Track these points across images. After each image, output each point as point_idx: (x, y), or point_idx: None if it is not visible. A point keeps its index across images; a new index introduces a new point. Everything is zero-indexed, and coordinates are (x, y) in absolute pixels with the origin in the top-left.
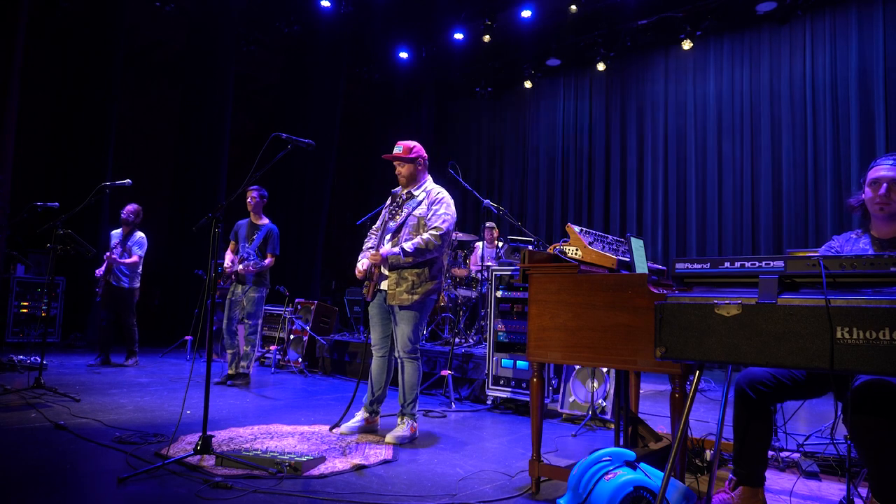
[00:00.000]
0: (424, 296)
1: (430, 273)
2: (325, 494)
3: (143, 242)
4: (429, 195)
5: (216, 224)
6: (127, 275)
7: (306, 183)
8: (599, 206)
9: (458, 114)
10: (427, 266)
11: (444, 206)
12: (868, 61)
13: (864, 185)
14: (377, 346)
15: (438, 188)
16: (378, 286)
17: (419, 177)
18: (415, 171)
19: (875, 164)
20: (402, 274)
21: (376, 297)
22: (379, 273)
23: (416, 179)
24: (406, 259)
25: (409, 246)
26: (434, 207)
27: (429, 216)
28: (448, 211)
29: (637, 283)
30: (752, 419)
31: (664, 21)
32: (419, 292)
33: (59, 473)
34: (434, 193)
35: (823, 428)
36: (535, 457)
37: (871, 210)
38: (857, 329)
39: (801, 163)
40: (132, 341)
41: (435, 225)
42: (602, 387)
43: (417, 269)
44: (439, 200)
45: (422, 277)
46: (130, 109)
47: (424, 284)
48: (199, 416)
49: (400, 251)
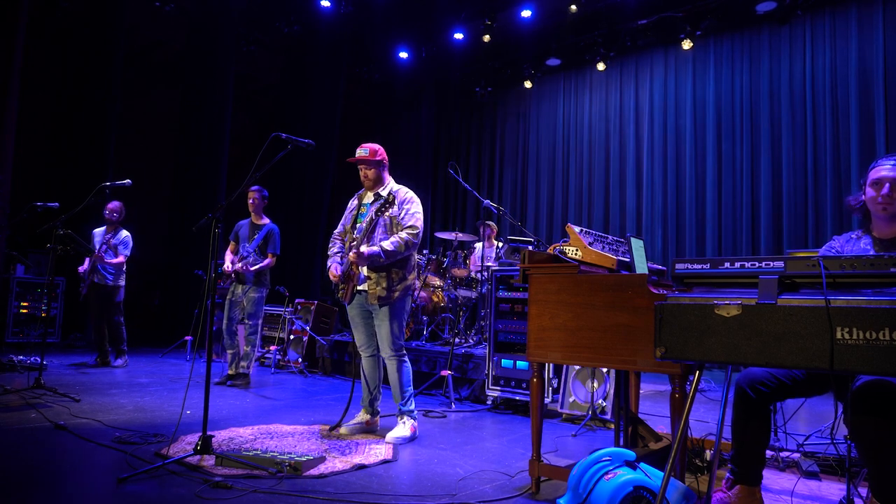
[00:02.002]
0: (403, 293)
1: (406, 270)
2: (325, 494)
3: (129, 242)
4: (397, 195)
5: (216, 224)
6: (112, 273)
7: (306, 183)
8: (599, 206)
9: (458, 114)
10: (403, 264)
11: (415, 204)
12: (868, 61)
13: (865, 186)
14: (363, 346)
15: (405, 188)
16: (356, 287)
17: (383, 178)
18: (380, 173)
19: (876, 165)
20: (380, 273)
21: (355, 299)
22: (357, 274)
23: (381, 181)
24: (386, 258)
25: (388, 245)
26: (406, 206)
27: (401, 215)
28: (419, 209)
29: (637, 283)
30: (752, 419)
31: (664, 21)
32: (398, 289)
33: (58, 473)
34: (402, 193)
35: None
36: (535, 457)
37: (874, 210)
38: (857, 329)
39: (800, 163)
40: (120, 340)
41: (410, 224)
42: (602, 387)
43: (395, 267)
44: (409, 200)
45: (399, 275)
46: (130, 109)
47: (402, 282)
48: (199, 416)
49: (380, 250)
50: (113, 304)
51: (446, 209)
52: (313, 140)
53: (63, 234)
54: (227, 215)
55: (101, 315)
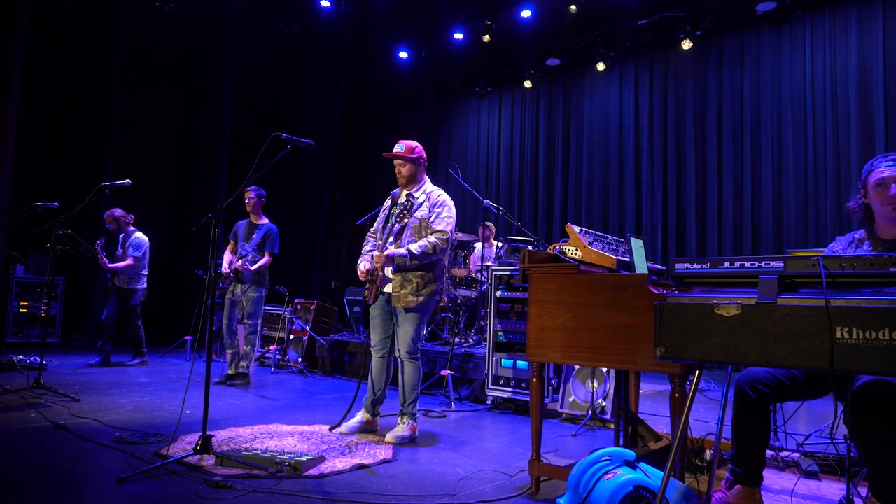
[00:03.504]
0: (429, 297)
1: (434, 275)
2: (324, 494)
3: (140, 243)
4: (429, 197)
5: (216, 224)
6: (129, 276)
7: (306, 183)
8: (599, 206)
9: (458, 114)
10: (431, 268)
11: (447, 208)
12: (868, 61)
13: (868, 189)
14: (377, 347)
15: (439, 190)
16: (381, 288)
17: (419, 177)
18: (416, 171)
19: (874, 167)
20: (407, 276)
21: (378, 300)
22: (382, 275)
23: (416, 180)
24: (412, 261)
25: (416, 248)
26: (437, 210)
27: (431, 218)
28: (451, 213)
29: (637, 283)
30: (752, 419)
31: (664, 21)
32: (424, 294)
33: (58, 473)
34: (435, 195)
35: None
36: (535, 456)
37: (882, 212)
38: (857, 329)
39: (801, 163)
40: (137, 341)
41: (440, 228)
42: (602, 387)
43: (421, 271)
44: (441, 203)
45: (426, 279)
46: (130, 109)
47: (429, 286)
48: (199, 415)
49: (407, 253)
50: (128, 308)
51: None
52: (313, 140)
53: (63, 234)
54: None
55: (116, 316)
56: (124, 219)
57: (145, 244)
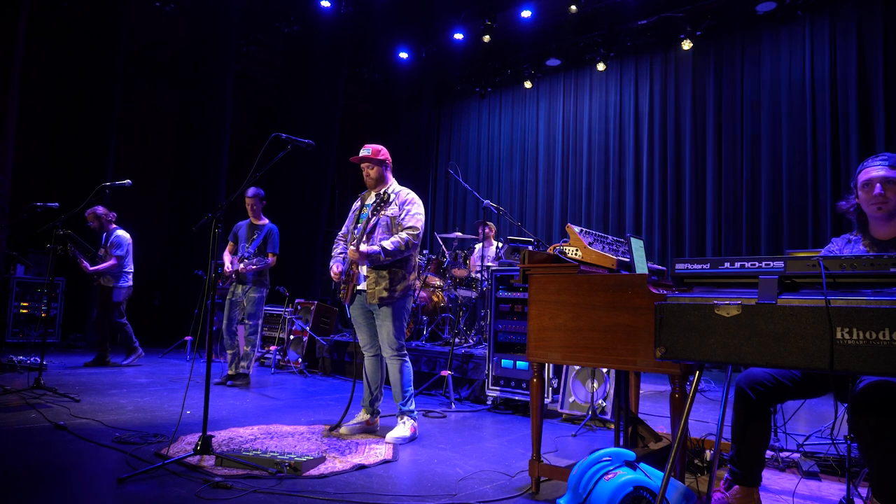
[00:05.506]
0: (403, 292)
1: (406, 270)
2: (324, 494)
3: (122, 241)
4: (398, 196)
5: (216, 224)
6: (112, 274)
7: (306, 183)
8: (599, 206)
9: (458, 114)
10: (402, 264)
11: (416, 205)
12: (868, 61)
13: (857, 189)
14: (367, 346)
15: (406, 189)
16: (356, 288)
17: (386, 178)
18: (383, 173)
19: (864, 167)
20: (381, 273)
21: (356, 300)
22: (357, 272)
23: (383, 181)
24: (386, 257)
25: (389, 244)
26: (406, 207)
27: (401, 216)
28: (420, 210)
29: (637, 283)
30: (752, 419)
31: (664, 21)
32: (398, 289)
33: (58, 473)
34: (404, 194)
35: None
36: (535, 457)
37: (869, 211)
38: (857, 329)
39: (800, 163)
40: (128, 339)
41: (410, 224)
42: (602, 387)
43: (394, 267)
44: (410, 201)
45: (399, 275)
46: (130, 109)
47: (402, 282)
48: (199, 416)
49: (380, 249)
50: (109, 305)
51: (446, 209)
52: (313, 140)
53: (63, 234)
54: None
55: (101, 315)
56: (106, 217)
57: (127, 242)
